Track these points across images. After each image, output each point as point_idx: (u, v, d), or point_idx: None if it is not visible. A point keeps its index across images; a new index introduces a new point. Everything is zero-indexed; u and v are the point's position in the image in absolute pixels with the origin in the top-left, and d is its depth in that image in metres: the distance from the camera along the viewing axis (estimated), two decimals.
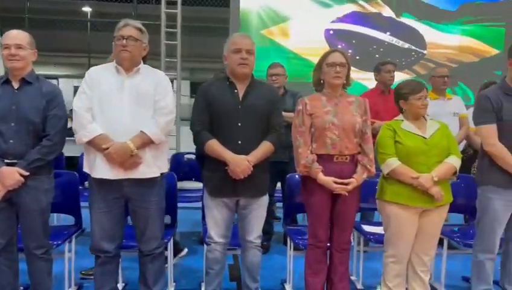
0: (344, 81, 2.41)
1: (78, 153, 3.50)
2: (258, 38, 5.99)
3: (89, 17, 10.40)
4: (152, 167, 2.25)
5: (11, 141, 2.19)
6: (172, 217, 2.89)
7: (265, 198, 2.43)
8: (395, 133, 2.37)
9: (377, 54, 6.04)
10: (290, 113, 2.92)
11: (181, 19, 5.92)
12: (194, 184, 4.04)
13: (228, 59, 2.34)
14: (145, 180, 2.24)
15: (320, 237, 2.43)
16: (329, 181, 2.31)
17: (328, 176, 2.32)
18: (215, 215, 2.37)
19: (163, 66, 5.90)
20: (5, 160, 2.19)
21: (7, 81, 2.25)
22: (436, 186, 2.30)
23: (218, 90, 2.35)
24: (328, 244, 2.47)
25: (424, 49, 6.28)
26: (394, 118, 2.47)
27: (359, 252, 3.00)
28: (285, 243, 3.25)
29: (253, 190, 2.34)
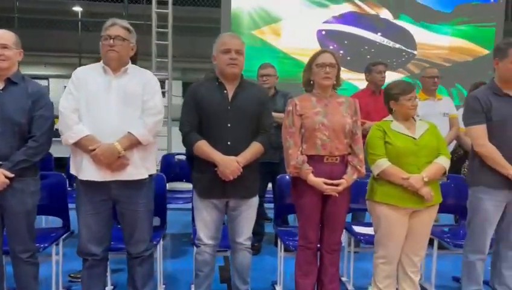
0: (334, 82, 2.40)
1: (67, 154, 3.44)
2: (249, 39, 5.99)
3: (79, 17, 10.31)
4: (140, 168, 2.22)
5: None
6: (161, 219, 2.86)
7: (255, 199, 2.41)
8: (385, 133, 2.37)
9: (368, 55, 6.06)
10: (280, 114, 2.90)
11: (172, 19, 5.90)
12: (184, 185, 4.02)
13: (217, 59, 2.31)
14: (133, 182, 2.21)
15: (310, 239, 2.41)
16: (319, 182, 2.30)
17: (318, 177, 2.31)
18: (205, 217, 2.34)
19: (154, 66, 5.86)
20: None
21: None
22: (426, 186, 2.30)
23: (207, 91, 2.32)
24: (318, 246, 2.46)
25: (414, 50, 6.31)
26: (383, 119, 2.47)
27: (350, 253, 2.99)
28: (277, 244, 3.23)
29: (243, 191, 2.32)
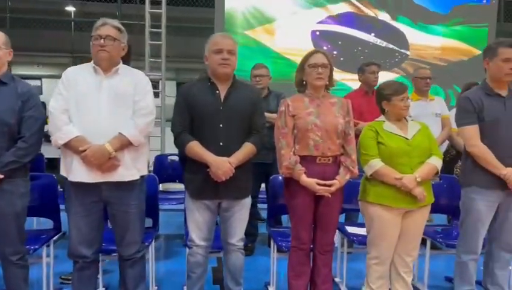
0: (326, 82, 2.40)
1: (58, 154, 3.43)
2: (243, 39, 5.98)
3: (72, 16, 10.25)
4: (131, 169, 2.20)
5: None
6: (153, 220, 2.84)
7: (248, 200, 2.40)
8: (378, 134, 2.37)
9: (362, 55, 6.07)
10: (273, 114, 2.90)
11: (166, 19, 5.88)
12: (178, 186, 4.00)
13: (209, 59, 2.30)
14: (124, 184, 2.19)
15: (303, 239, 2.40)
16: (312, 183, 2.30)
17: (311, 177, 2.30)
18: (197, 218, 2.33)
19: (147, 66, 5.84)
20: None
21: None
22: (419, 187, 2.30)
23: (199, 91, 2.31)
24: (311, 246, 2.45)
25: (407, 50, 6.34)
26: (376, 119, 2.47)
27: (343, 253, 2.98)
28: (270, 244, 3.22)
29: (236, 192, 2.30)
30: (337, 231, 2.87)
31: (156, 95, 5.93)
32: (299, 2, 6.17)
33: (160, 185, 4.30)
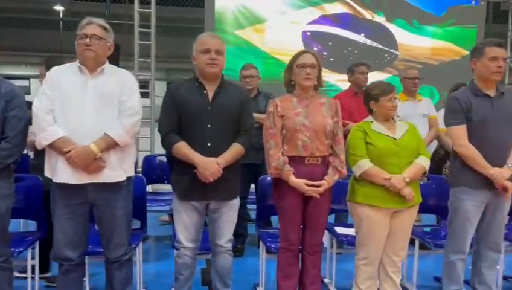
0: (315, 83, 2.39)
1: None
2: (233, 39, 5.96)
3: (61, 16, 10.13)
4: (117, 170, 2.17)
5: None
6: (141, 222, 2.81)
7: (236, 201, 2.38)
8: (366, 134, 2.36)
9: (352, 56, 6.08)
10: (262, 115, 2.87)
11: (155, 19, 5.83)
12: (167, 187, 3.97)
13: (197, 59, 2.28)
14: (111, 185, 2.16)
15: (292, 240, 2.39)
16: (300, 183, 2.29)
17: (299, 178, 2.30)
18: (184, 220, 2.30)
19: (136, 66, 5.80)
20: None
21: None
22: (407, 187, 2.30)
23: (186, 91, 2.29)
24: (300, 247, 2.44)
25: (397, 50, 6.37)
26: (364, 119, 2.46)
27: (332, 254, 2.98)
28: (259, 246, 3.20)
29: (223, 193, 2.28)
30: (326, 231, 2.87)
31: (146, 95, 5.91)
32: (290, 2, 6.17)
33: (149, 186, 4.28)
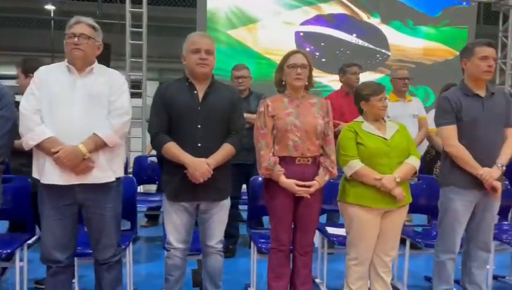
0: (306, 83, 2.39)
1: None
2: (225, 39, 5.95)
3: (52, 15, 10.05)
4: (106, 171, 2.14)
5: None
6: (131, 222, 2.79)
7: (227, 202, 2.37)
8: (357, 134, 2.36)
9: (343, 57, 6.10)
10: (254, 115, 2.86)
11: (147, 19, 5.81)
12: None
13: (187, 59, 2.26)
14: (100, 186, 2.13)
15: (282, 241, 2.39)
16: (291, 184, 2.28)
17: (290, 178, 2.29)
18: (175, 221, 2.29)
19: (128, 66, 5.77)
20: None
21: None
22: (398, 187, 2.30)
23: (176, 91, 2.27)
24: (291, 248, 2.44)
25: (388, 51, 6.40)
26: (354, 120, 2.46)
27: (323, 254, 2.97)
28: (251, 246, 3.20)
29: (214, 193, 2.27)
30: (317, 232, 2.87)
31: (138, 95, 5.88)
32: (283, 2, 6.17)
33: (141, 186, 4.26)
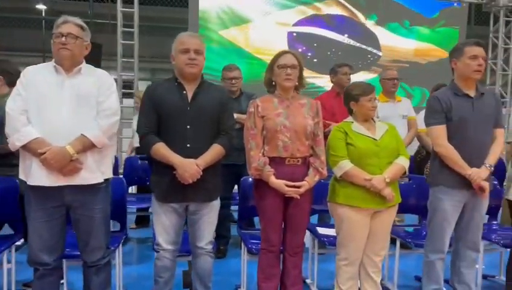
0: (296, 83, 2.38)
1: None
2: (217, 39, 5.94)
3: (43, 15, 9.97)
4: (95, 172, 2.12)
5: None
6: (121, 224, 2.77)
7: (216, 203, 2.36)
8: (346, 135, 2.36)
9: (335, 57, 6.11)
10: (244, 115, 2.86)
11: (139, 19, 5.78)
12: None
13: (176, 59, 2.25)
14: (88, 187, 2.11)
15: (272, 241, 2.38)
16: (281, 184, 2.28)
17: (280, 178, 2.29)
18: (164, 222, 2.27)
19: (119, 66, 5.74)
20: None
21: None
22: (388, 187, 2.31)
23: (165, 91, 2.26)
24: (281, 248, 2.43)
25: (380, 51, 6.43)
26: (344, 120, 2.46)
27: (314, 254, 2.97)
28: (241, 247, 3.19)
29: (203, 194, 2.26)
30: (308, 232, 2.87)
31: (130, 95, 5.85)
32: (274, 2, 6.17)
33: (133, 187, 4.24)
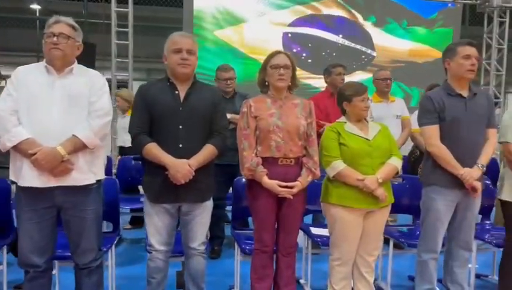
0: (289, 84, 2.38)
1: None
2: (212, 39, 5.93)
3: (37, 15, 9.92)
4: (86, 173, 2.11)
5: None
6: (114, 224, 2.76)
7: (209, 203, 2.35)
8: (339, 135, 2.36)
9: (330, 58, 6.12)
10: (237, 115, 2.85)
11: (133, 19, 5.77)
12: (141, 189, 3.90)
13: (168, 59, 2.24)
14: (79, 188, 2.09)
15: (265, 242, 2.38)
16: (273, 185, 2.27)
17: (273, 179, 2.28)
18: (156, 223, 2.26)
19: (114, 66, 5.72)
20: None
21: None
22: (380, 187, 2.31)
23: (158, 91, 2.25)
24: (274, 249, 2.43)
25: (374, 51, 6.44)
26: (337, 120, 2.46)
27: (308, 254, 2.97)
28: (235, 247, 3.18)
29: (196, 195, 2.25)
30: (302, 232, 2.87)
31: None
32: (269, 3, 6.17)
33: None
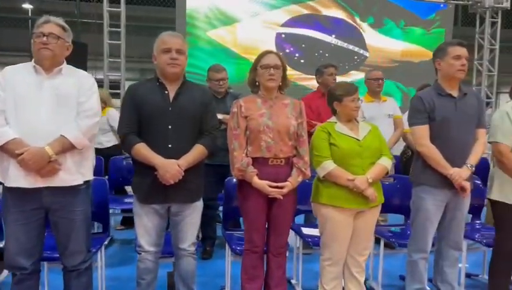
0: (279, 84, 2.38)
1: None
2: (205, 39, 5.92)
3: (30, 14, 9.85)
4: (74, 174, 2.09)
5: None
6: (104, 225, 2.74)
7: (199, 203, 2.34)
8: (330, 135, 2.36)
9: (322, 58, 6.13)
10: (228, 115, 2.85)
11: (125, 18, 5.74)
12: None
13: (157, 59, 2.23)
14: (68, 189, 2.08)
15: (256, 242, 2.37)
16: (264, 185, 2.27)
17: (263, 179, 2.28)
18: (146, 223, 2.25)
19: (106, 66, 5.69)
20: None
21: None
22: (370, 187, 2.31)
23: (147, 91, 2.24)
24: (265, 249, 2.42)
25: (367, 51, 6.46)
26: (327, 120, 2.46)
27: (299, 254, 2.97)
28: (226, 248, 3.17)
29: (185, 195, 2.24)
30: (293, 232, 2.86)
31: (117, 96, 5.79)
32: (262, 3, 6.17)
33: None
